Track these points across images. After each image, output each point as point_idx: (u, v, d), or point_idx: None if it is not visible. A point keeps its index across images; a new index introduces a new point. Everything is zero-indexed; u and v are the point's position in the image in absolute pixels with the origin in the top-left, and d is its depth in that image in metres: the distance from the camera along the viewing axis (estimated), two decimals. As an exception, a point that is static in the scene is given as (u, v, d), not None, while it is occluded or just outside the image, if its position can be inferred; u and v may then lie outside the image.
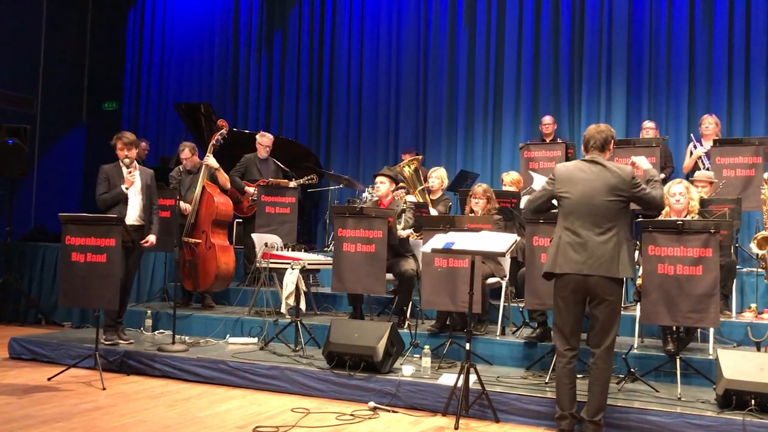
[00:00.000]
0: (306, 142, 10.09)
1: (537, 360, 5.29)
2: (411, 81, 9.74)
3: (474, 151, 9.32)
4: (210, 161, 6.94)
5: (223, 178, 7.10)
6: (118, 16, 11.57)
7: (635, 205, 4.20)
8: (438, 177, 7.14)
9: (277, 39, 10.64)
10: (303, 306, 6.07)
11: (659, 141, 6.90)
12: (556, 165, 6.54)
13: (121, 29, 11.56)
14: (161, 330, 6.59)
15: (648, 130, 7.49)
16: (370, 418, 4.54)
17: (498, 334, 5.75)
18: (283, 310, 6.13)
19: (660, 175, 6.54)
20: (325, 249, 8.22)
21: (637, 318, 5.20)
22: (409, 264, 6.03)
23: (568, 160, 6.92)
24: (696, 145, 7.19)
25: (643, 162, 4.28)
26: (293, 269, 6.06)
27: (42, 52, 10.65)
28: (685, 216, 5.22)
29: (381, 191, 6.33)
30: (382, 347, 4.98)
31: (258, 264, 6.50)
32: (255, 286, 6.80)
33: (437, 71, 9.58)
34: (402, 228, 6.17)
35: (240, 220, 8.13)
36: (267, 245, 6.47)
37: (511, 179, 6.88)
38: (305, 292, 6.20)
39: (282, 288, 6.17)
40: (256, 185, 7.40)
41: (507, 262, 5.92)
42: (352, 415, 4.54)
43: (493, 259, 5.76)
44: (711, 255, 4.46)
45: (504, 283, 5.85)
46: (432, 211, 6.77)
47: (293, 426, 4.28)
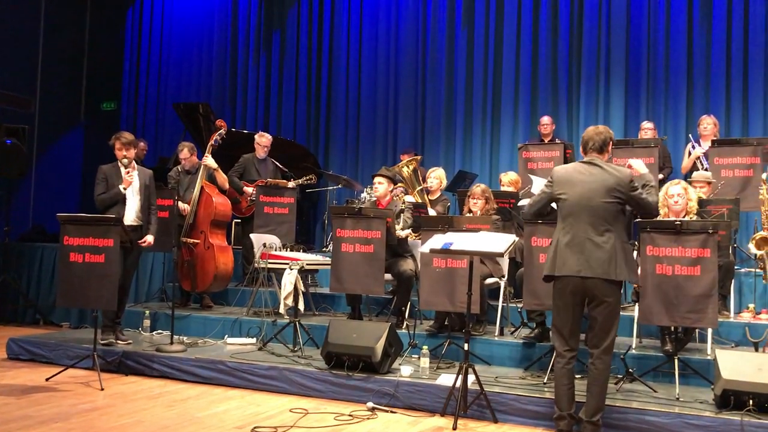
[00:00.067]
0: (304, 142, 10.09)
1: (535, 360, 5.30)
2: (410, 81, 9.73)
3: (472, 152, 9.32)
4: (208, 161, 6.94)
5: (222, 178, 7.10)
6: (116, 16, 11.56)
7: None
8: (436, 177, 7.15)
9: (276, 39, 10.64)
10: (301, 306, 6.07)
11: (658, 141, 6.90)
12: (554, 166, 6.64)
13: (120, 29, 11.55)
14: (159, 330, 6.58)
15: (646, 130, 7.49)
16: (368, 418, 4.54)
17: (496, 334, 5.75)
18: (282, 310, 6.14)
19: (658, 178, 6.63)
20: (324, 249, 8.21)
21: (636, 318, 5.20)
22: (408, 264, 6.03)
23: (566, 160, 6.93)
24: (694, 146, 7.19)
25: (640, 166, 4.28)
26: (292, 269, 6.06)
27: (40, 52, 10.64)
28: (684, 216, 5.23)
29: (379, 192, 6.33)
30: (380, 347, 4.97)
31: (256, 264, 6.49)
32: (253, 286, 6.80)
33: (436, 71, 9.57)
34: (401, 228, 6.17)
35: (238, 220, 8.12)
36: (265, 245, 6.47)
37: (510, 179, 6.88)
38: (304, 292, 6.20)
39: (280, 288, 6.17)
40: (254, 185, 7.40)
41: (505, 262, 5.92)
42: (350, 416, 4.54)
43: (492, 260, 5.76)
44: (709, 255, 4.47)
45: (502, 284, 5.85)
46: (430, 212, 6.78)
47: (292, 426, 4.28)
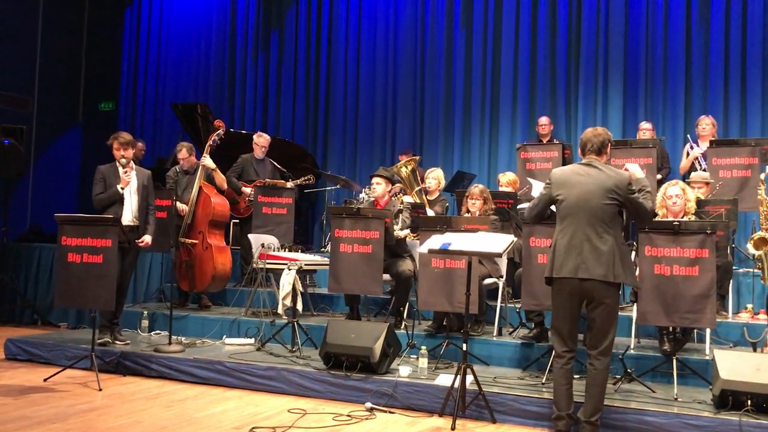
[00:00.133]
0: (303, 142, 10.08)
1: (534, 360, 5.30)
2: (408, 81, 9.72)
3: (471, 152, 9.31)
4: (207, 162, 6.93)
5: (220, 178, 7.09)
6: (114, 16, 11.54)
7: None
8: (435, 178, 7.15)
9: (274, 39, 10.63)
10: (300, 307, 6.07)
11: (656, 142, 6.90)
12: (552, 166, 6.65)
13: (118, 29, 11.52)
14: (158, 331, 6.57)
15: (645, 131, 7.49)
16: (366, 418, 4.54)
17: (495, 334, 5.74)
18: (280, 310, 6.13)
19: (656, 178, 6.64)
20: (322, 249, 8.20)
21: (634, 318, 5.21)
22: (406, 264, 6.03)
23: (564, 160, 6.93)
24: (693, 146, 7.19)
25: (637, 170, 4.28)
26: (290, 270, 6.06)
27: (38, 52, 10.62)
28: (682, 217, 5.23)
29: (377, 192, 6.32)
30: (378, 348, 4.97)
31: (255, 265, 6.49)
32: (252, 286, 6.79)
33: (434, 72, 9.57)
34: (399, 228, 6.16)
35: (237, 220, 8.11)
36: (264, 246, 6.46)
37: (508, 180, 6.88)
38: (302, 292, 6.19)
39: (279, 289, 6.17)
40: (252, 186, 7.39)
41: (504, 262, 5.92)
42: (348, 416, 4.54)
43: (490, 260, 5.76)
44: (707, 256, 4.48)
45: (501, 284, 5.85)
46: (429, 212, 6.77)
47: (290, 427, 4.27)
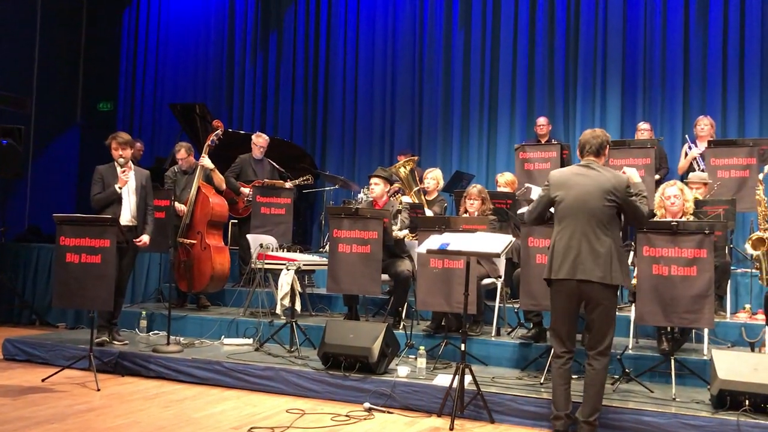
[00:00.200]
0: (301, 142, 10.07)
1: (532, 361, 5.30)
2: (406, 82, 9.72)
3: (469, 152, 9.32)
4: (205, 162, 6.93)
5: (218, 178, 7.09)
6: (113, 16, 11.52)
7: None
8: (433, 178, 7.15)
9: (273, 39, 10.62)
10: (298, 307, 6.07)
11: (654, 142, 6.91)
12: (551, 167, 6.66)
13: (116, 29, 11.51)
14: (156, 331, 6.56)
15: (643, 131, 7.50)
16: (365, 419, 4.53)
17: (493, 334, 5.75)
18: (279, 311, 6.13)
19: (655, 179, 6.64)
20: (321, 250, 8.20)
21: (632, 318, 5.21)
22: (405, 265, 6.03)
23: (563, 160, 6.93)
24: (691, 146, 7.19)
25: (635, 175, 4.29)
26: (288, 270, 6.06)
27: (37, 52, 10.61)
28: (681, 217, 5.23)
29: (376, 192, 6.32)
30: (377, 348, 4.97)
31: (253, 265, 6.49)
32: (250, 287, 6.79)
33: (433, 72, 9.57)
34: (398, 229, 6.16)
35: (235, 220, 8.11)
36: (262, 246, 6.46)
37: (506, 180, 6.89)
38: (300, 292, 6.19)
39: (277, 289, 6.17)
40: (251, 186, 7.39)
41: (502, 262, 5.92)
42: (347, 416, 4.54)
43: (488, 260, 5.76)
44: (705, 256, 4.48)
45: (499, 284, 5.85)
46: (427, 212, 6.78)
47: (288, 427, 4.27)
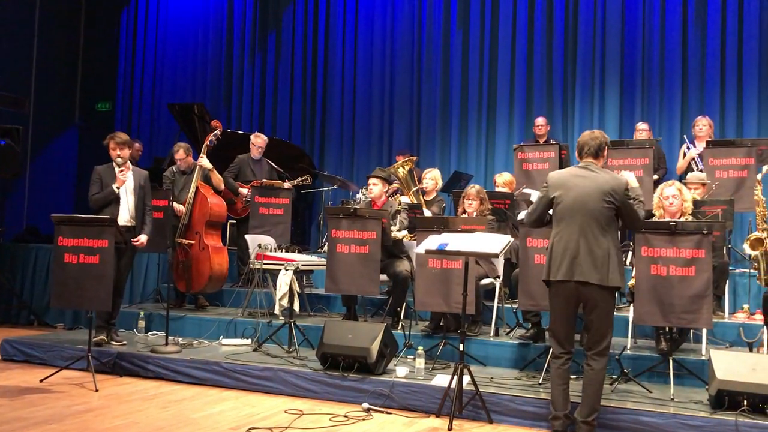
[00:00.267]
0: (300, 143, 10.07)
1: (530, 361, 5.30)
2: (405, 82, 9.72)
3: (468, 153, 9.32)
4: (204, 162, 6.93)
5: (217, 179, 7.09)
6: (111, 16, 11.51)
7: None
8: (432, 178, 7.15)
9: (271, 40, 10.61)
10: (296, 307, 6.06)
11: (653, 142, 6.91)
12: (549, 167, 6.66)
13: (115, 29, 11.50)
14: (154, 331, 6.55)
15: (641, 131, 7.50)
16: (363, 419, 4.53)
17: (492, 335, 5.75)
18: (277, 311, 6.13)
19: (653, 179, 6.64)
20: (319, 250, 8.20)
21: (631, 319, 5.21)
22: (403, 265, 6.02)
23: (561, 161, 6.93)
24: (689, 147, 7.20)
25: (632, 179, 4.29)
26: (287, 270, 6.05)
27: (35, 52, 10.59)
28: (679, 217, 5.23)
29: (374, 193, 6.31)
30: (375, 348, 4.97)
31: (252, 265, 6.48)
32: (248, 287, 6.79)
33: (431, 72, 9.57)
34: (397, 230, 6.16)
35: (234, 221, 8.11)
36: (261, 246, 6.46)
37: (504, 180, 6.89)
38: (299, 293, 6.19)
39: (275, 289, 6.16)
40: (249, 186, 7.38)
41: (500, 263, 5.92)
42: (345, 417, 4.54)
43: (487, 260, 5.76)
44: (704, 256, 4.48)
45: (497, 284, 5.85)
46: (426, 212, 6.77)
47: (287, 427, 4.27)
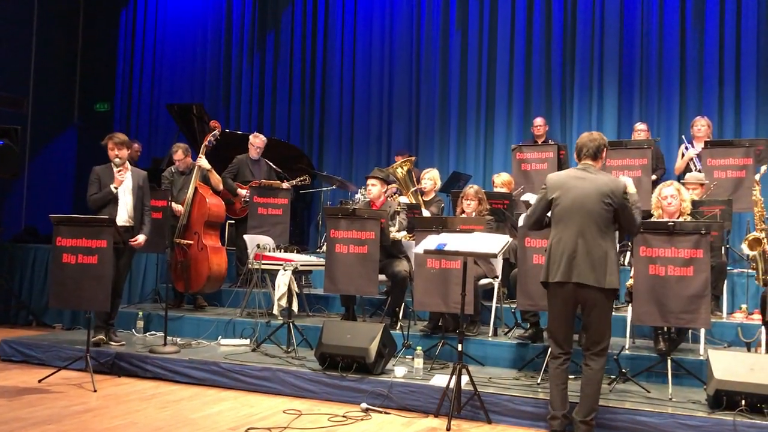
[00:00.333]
0: (298, 143, 10.07)
1: (529, 361, 5.30)
2: (404, 82, 9.73)
3: (466, 153, 9.33)
4: (202, 162, 6.92)
5: (216, 179, 7.09)
6: (109, 16, 11.50)
7: None
8: (430, 178, 7.15)
9: (270, 40, 10.62)
10: (295, 307, 6.06)
11: (651, 143, 6.92)
12: (548, 167, 6.66)
13: (114, 30, 11.49)
14: (153, 331, 6.54)
15: (640, 131, 7.50)
16: (362, 419, 4.54)
17: (490, 335, 5.75)
18: (276, 311, 6.13)
19: (651, 179, 6.65)
20: (318, 250, 8.20)
21: (629, 319, 5.21)
22: (402, 265, 6.03)
23: (560, 161, 6.94)
24: (688, 147, 7.20)
25: (630, 185, 4.30)
26: (285, 270, 6.05)
27: (33, 52, 10.58)
28: (677, 217, 5.24)
29: (373, 193, 6.32)
30: (374, 348, 4.97)
31: (250, 265, 6.48)
32: (247, 287, 6.79)
33: (430, 73, 9.58)
34: (396, 230, 6.16)
35: (232, 221, 8.11)
36: (259, 246, 6.46)
37: (503, 181, 6.89)
38: (297, 293, 6.19)
39: (274, 289, 6.17)
40: (248, 186, 7.38)
41: (499, 263, 5.92)
42: (344, 417, 4.54)
43: (486, 260, 5.76)
44: (702, 256, 4.49)
45: (496, 284, 5.85)
46: (424, 213, 6.77)
47: (285, 427, 4.27)
